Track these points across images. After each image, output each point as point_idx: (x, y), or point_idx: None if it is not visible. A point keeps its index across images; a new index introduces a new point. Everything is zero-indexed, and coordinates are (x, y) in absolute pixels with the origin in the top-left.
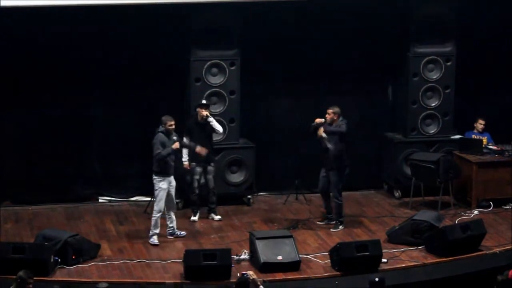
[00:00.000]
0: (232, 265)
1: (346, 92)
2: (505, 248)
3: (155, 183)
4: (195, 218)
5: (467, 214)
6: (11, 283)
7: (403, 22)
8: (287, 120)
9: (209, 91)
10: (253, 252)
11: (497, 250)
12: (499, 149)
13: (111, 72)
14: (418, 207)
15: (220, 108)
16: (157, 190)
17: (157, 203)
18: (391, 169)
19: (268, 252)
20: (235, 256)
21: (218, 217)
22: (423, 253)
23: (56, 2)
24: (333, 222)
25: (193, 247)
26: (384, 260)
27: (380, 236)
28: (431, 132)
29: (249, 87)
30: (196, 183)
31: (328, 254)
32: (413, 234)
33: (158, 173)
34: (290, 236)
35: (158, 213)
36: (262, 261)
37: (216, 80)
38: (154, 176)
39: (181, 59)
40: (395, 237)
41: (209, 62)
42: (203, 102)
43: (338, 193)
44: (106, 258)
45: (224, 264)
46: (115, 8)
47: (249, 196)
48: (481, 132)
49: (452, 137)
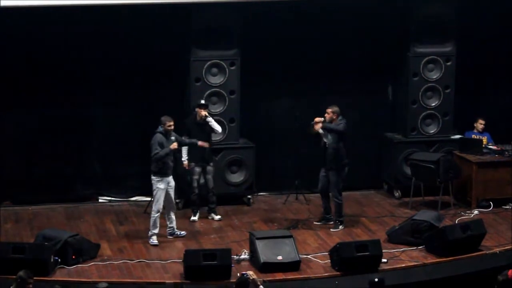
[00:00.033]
0: (232, 265)
1: (346, 92)
2: (505, 248)
3: (153, 183)
4: (195, 218)
5: (467, 214)
6: (11, 283)
7: (403, 22)
8: (287, 120)
9: (209, 91)
10: (253, 252)
11: (497, 250)
12: (499, 149)
13: (111, 72)
14: (418, 207)
15: (220, 108)
16: (155, 190)
17: (155, 204)
18: (391, 169)
19: (268, 252)
20: (235, 256)
21: (218, 217)
22: (423, 253)
23: (56, 2)
24: (331, 222)
25: (193, 247)
26: (384, 260)
27: (380, 236)
28: (431, 132)
29: (249, 87)
30: (196, 183)
31: (328, 254)
32: (413, 234)
33: (156, 173)
34: (290, 236)
35: (157, 213)
36: (262, 261)
37: (216, 80)
38: (152, 176)
39: (181, 59)
40: (395, 237)
41: (209, 62)
42: (202, 102)
43: (338, 193)
44: (106, 258)
45: (224, 264)
46: (115, 8)
47: (249, 196)
48: (481, 132)
49: (452, 137)
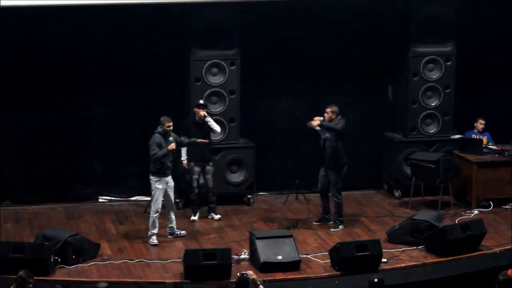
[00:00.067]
0: (232, 264)
1: (346, 92)
2: (505, 248)
3: (152, 184)
4: (195, 217)
5: (467, 214)
6: (11, 283)
7: (403, 22)
8: (287, 120)
9: (209, 91)
10: (253, 252)
11: (497, 250)
12: (499, 149)
13: (111, 72)
14: (418, 207)
15: (220, 108)
16: (153, 190)
17: (153, 204)
18: (391, 169)
19: (268, 251)
20: (235, 256)
21: (218, 216)
22: (423, 253)
23: (56, 2)
24: (331, 222)
25: (193, 246)
26: (384, 260)
27: (380, 236)
28: (431, 132)
29: (249, 87)
30: (195, 183)
31: (328, 254)
32: (413, 233)
33: (154, 173)
34: (290, 236)
35: (155, 213)
36: (262, 260)
37: (216, 80)
38: (150, 176)
39: (181, 59)
40: (395, 237)
41: (209, 62)
42: (201, 102)
43: (338, 192)
44: (106, 257)
45: (224, 264)
46: (115, 8)
47: (249, 196)
48: (481, 132)
49: (452, 137)
